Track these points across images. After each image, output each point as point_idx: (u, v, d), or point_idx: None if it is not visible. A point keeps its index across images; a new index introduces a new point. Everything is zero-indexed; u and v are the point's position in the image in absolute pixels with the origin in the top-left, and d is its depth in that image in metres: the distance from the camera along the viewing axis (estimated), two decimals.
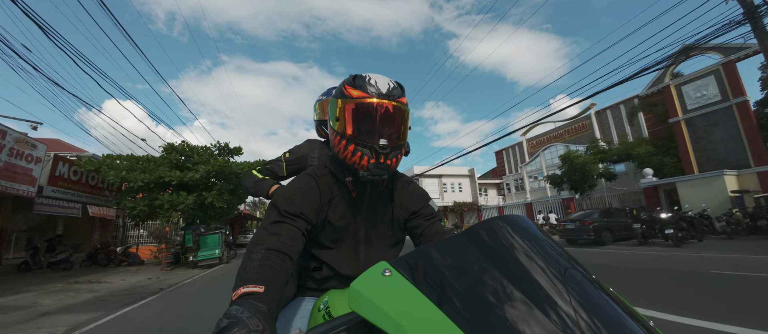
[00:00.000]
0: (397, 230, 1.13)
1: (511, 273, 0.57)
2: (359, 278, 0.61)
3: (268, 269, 0.76)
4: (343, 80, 1.01)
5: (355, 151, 0.95)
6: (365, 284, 0.60)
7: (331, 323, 0.62)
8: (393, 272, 0.59)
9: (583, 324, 0.49)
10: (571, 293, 0.54)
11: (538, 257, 0.60)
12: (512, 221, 0.68)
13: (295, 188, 0.99)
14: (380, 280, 0.59)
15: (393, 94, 0.95)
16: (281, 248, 0.82)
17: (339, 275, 1.06)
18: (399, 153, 1.00)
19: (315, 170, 1.07)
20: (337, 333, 0.61)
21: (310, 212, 0.96)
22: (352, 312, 0.61)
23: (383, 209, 1.10)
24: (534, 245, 0.63)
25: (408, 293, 0.56)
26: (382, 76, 0.99)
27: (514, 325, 0.49)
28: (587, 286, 0.58)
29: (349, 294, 0.60)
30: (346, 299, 0.75)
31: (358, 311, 0.57)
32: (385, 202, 1.11)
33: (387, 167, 0.97)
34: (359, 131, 0.95)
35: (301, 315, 1.00)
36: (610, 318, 0.53)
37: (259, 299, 0.66)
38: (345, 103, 0.96)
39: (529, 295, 0.52)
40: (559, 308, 0.51)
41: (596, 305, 0.54)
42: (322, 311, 0.94)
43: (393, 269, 0.60)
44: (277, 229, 0.87)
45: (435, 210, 1.14)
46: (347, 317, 0.63)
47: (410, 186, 1.15)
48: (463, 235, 0.65)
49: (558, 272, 0.58)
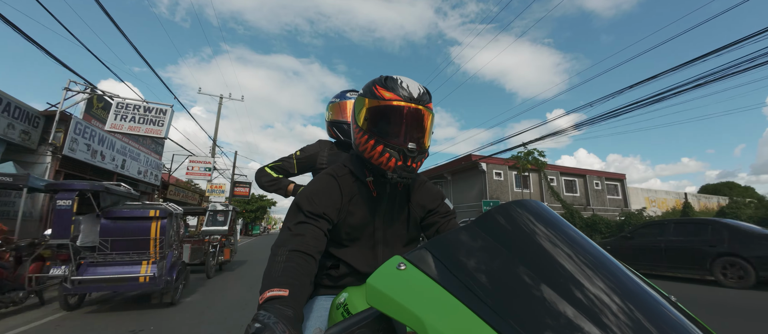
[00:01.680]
0: (414, 228, 1.15)
1: (530, 259, 0.55)
2: (375, 273, 0.61)
3: (292, 271, 0.78)
4: (373, 80, 1.03)
5: (383, 151, 0.96)
6: (381, 278, 0.60)
7: (350, 320, 0.62)
8: (408, 266, 0.59)
9: (615, 308, 0.47)
10: (596, 276, 0.52)
11: (559, 241, 0.59)
12: (528, 205, 0.66)
13: (317, 188, 1.00)
14: (396, 274, 0.59)
15: (423, 99, 0.98)
16: (305, 249, 0.84)
17: (356, 272, 1.06)
18: (424, 157, 1.02)
19: (335, 169, 1.08)
20: (357, 329, 0.61)
21: (332, 212, 0.97)
22: (371, 308, 0.61)
23: (400, 208, 1.12)
24: (552, 230, 0.61)
25: (424, 285, 0.55)
26: (412, 80, 1.00)
27: (538, 313, 0.47)
28: (611, 267, 0.56)
29: (365, 290, 0.60)
30: (364, 295, 0.75)
31: (376, 306, 0.57)
32: (402, 201, 1.13)
33: (413, 170, 0.99)
34: (388, 133, 0.97)
35: (320, 314, 1.01)
36: (639, 299, 0.51)
37: (284, 304, 0.69)
38: (375, 103, 0.98)
39: (552, 281, 0.51)
40: (585, 292, 0.49)
41: (622, 286, 0.52)
42: (341, 309, 0.95)
43: (407, 263, 0.60)
44: (301, 230, 0.89)
45: (450, 208, 1.16)
46: (366, 313, 0.63)
47: (426, 185, 1.18)
48: (476, 223, 0.64)
49: (581, 255, 0.56)
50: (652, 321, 0.47)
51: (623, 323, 0.45)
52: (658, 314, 0.49)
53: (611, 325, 0.45)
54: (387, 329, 0.66)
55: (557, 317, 0.46)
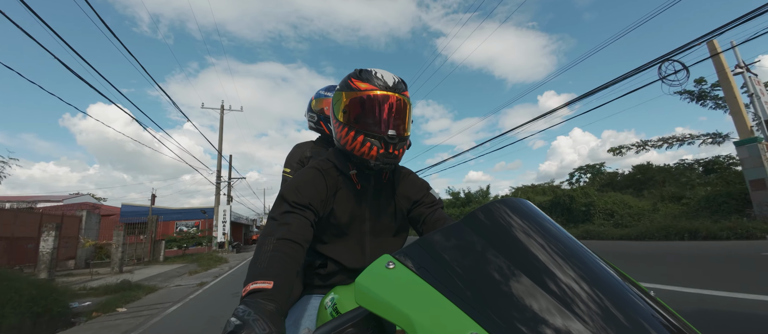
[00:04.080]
0: (401, 220, 1.15)
1: (511, 255, 0.57)
2: (364, 272, 0.61)
3: (278, 260, 0.76)
4: (348, 74, 1.04)
5: (364, 141, 0.97)
6: (370, 278, 0.60)
7: (339, 320, 0.62)
8: (397, 264, 0.60)
9: (585, 297, 0.49)
10: (573, 268, 0.55)
11: (541, 238, 0.61)
12: (512, 203, 0.68)
13: (303, 180, 0.99)
14: (385, 273, 0.59)
15: (399, 87, 1.01)
16: (292, 237, 0.82)
17: (345, 269, 1.06)
18: (405, 144, 1.03)
19: (319, 163, 1.07)
20: (346, 329, 0.61)
21: (318, 204, 0.96)
22: (359, 307, 0.61)
23: (386, 200, 1.12)
24: (535, 227, 0.63)
25: (413, 284, 0.56)
26: (386, 71, 1.02)
27: (518, 305, 0.49)
28: (590, 262, 0.59)
29: (354, 289, 0.60)
30: (352, 294, 0.75)
31: (365, 305, 0.57)
32: (388, 193, 1.13)
33: (395, 157, 1.00)
34: (368, 122, 0.98)
35: (309, 314, 1.00)
36: (615, 291, 0.53)
37: (267, 297, 0.66)
38: (352, 96, 0.99)
39: (534, 276, 0.52)
40: (562, 285, 0.51)
41: (598, 278, 0.54)
42: (330, 309, 0.94)
43: (396, 261, 0.60)
44: (287, 219, 0.87)
45: (436, 198, 1.16)
46: (354, 313, 0.63)
47: (410, 176, 1.18)
48: (464, 221, 0.65)
49: (562, 251, 0.58)
50: (631, 317, 0.49)
51: (604, 317, 0.47)
52: (636, 309, 0.51)
53: (593, 321, 0.46)
54: (376, 328, 0.66)
55: (544, 314, 0.47)
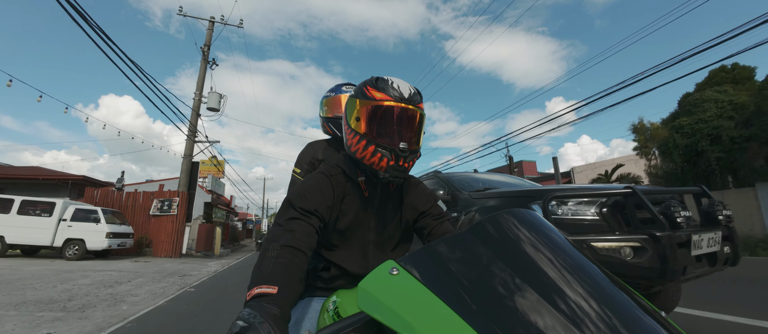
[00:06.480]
0: (406, 230, 1.14)
1: (518, 267, 0.56)
2: (367, 277, 0.61)
3: (282, 267, 0.76)
4: (364, 81, 1.04)
5: (374, 152, 0.97)
6: (373, 283, 0.60)
7: (339, 324, 0.62)
8: (400, 271, 0.59)
9: (593, 315, 0.48)
10: (581, 284, 0.53)
11: (547, 250, 0.59)
12: (520, 215, 0.67)
13: (309, 185, 1.00)
14: (388, 279, 0.59)
15: (414, 99, 0.99)
16: (296, 245, 0.83)
17: (348, 274, 1.06)
18: (415, 157, 1.02)
19: (327, 168, 1.08)
20: (346, 333, 0.61)
21: (324, 210, 0.97)
22: (361, 312, 0.61)
23: (393, 209, 1.12)
24: (542, 238, 0.62)
25: (416, 291, 0.55)
26: (403, 80, 1.01)
27: (522, 319, 0.48)
28: (597, 277, 0.57)
29: (357, 294, 0.60)
30: (355, 298, 0.75)
31: (367, 310, 0.57)
32: (395, 202, 1.12)
33: (405, 169, 0.99)
34: (380, 133, 0.98)
35: (310, 316, 1.00)
36: (624, 310, 0.51)
37: (271, 301, 0.67)
38: (366, 104, 0.98)
39: (538, 289, 0.52)
40: (569, 301, 0.50)
41: (607, 296, 0.53)
42: (331, 312, 0.94)
43: (400, 268, 0.60)
44: (292, 225, 0.88)
45: (443, 210, 1.15)
46: (356, 317, 0.63)
47: (419, 186, 1.17)
48: (470, 230, 0.64)
49: (567, 264, 0.57)
50: (622, 320, 0.48)
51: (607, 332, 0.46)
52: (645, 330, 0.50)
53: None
54: None
55: (549, 331, 0.46)
